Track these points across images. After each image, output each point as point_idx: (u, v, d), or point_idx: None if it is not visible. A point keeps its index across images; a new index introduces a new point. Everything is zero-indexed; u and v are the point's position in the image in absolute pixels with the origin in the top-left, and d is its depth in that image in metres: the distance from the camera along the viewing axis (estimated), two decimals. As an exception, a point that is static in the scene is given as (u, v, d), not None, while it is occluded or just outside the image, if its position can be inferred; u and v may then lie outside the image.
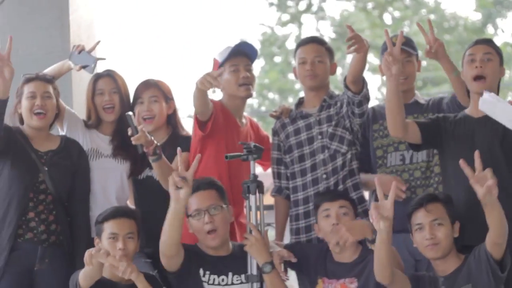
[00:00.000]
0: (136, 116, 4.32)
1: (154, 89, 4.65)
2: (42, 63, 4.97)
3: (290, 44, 19.96)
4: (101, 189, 4.53)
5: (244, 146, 4.01)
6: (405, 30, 11.15)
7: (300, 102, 4.62)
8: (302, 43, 4.60)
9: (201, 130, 4.38)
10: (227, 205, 4.12)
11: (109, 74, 4.65)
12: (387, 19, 19.36)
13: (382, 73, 4.56)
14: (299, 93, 18.62)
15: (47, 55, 5.45)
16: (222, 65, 4.47)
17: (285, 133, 4.57)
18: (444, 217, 3.86)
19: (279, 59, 20.28)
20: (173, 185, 3.77)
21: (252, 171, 3.99)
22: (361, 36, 4.12)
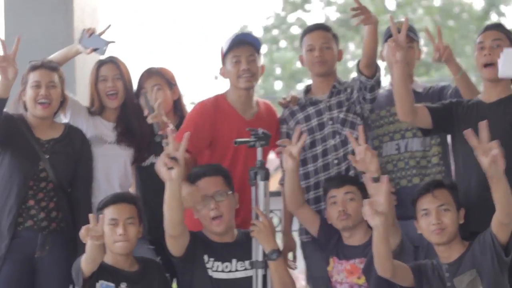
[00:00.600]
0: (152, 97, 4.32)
1: (156, 77, 4.63)
2: (45, 48, 4.97)
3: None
4: (105, 175, 4.52)
5: (252, 133, 3.97)
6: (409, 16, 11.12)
7: (307, 89, 4.61)
8: (309, 30, 4.59)
9: None
10: (232, 191, 4.11)
11: (112, 61, 4.63)
12: (391, 5, 19.35)
13: (383, 59, 4.56)
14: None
15: (51, 41, 5.42)
16: (226, 56, 4.43)
17: (294, 120, 4.54)
18: (450, 203, 3.86)
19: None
20: (164, 166, 3.69)
21: (258, 158, 3.95)
22: (367, 8, 4.12)
